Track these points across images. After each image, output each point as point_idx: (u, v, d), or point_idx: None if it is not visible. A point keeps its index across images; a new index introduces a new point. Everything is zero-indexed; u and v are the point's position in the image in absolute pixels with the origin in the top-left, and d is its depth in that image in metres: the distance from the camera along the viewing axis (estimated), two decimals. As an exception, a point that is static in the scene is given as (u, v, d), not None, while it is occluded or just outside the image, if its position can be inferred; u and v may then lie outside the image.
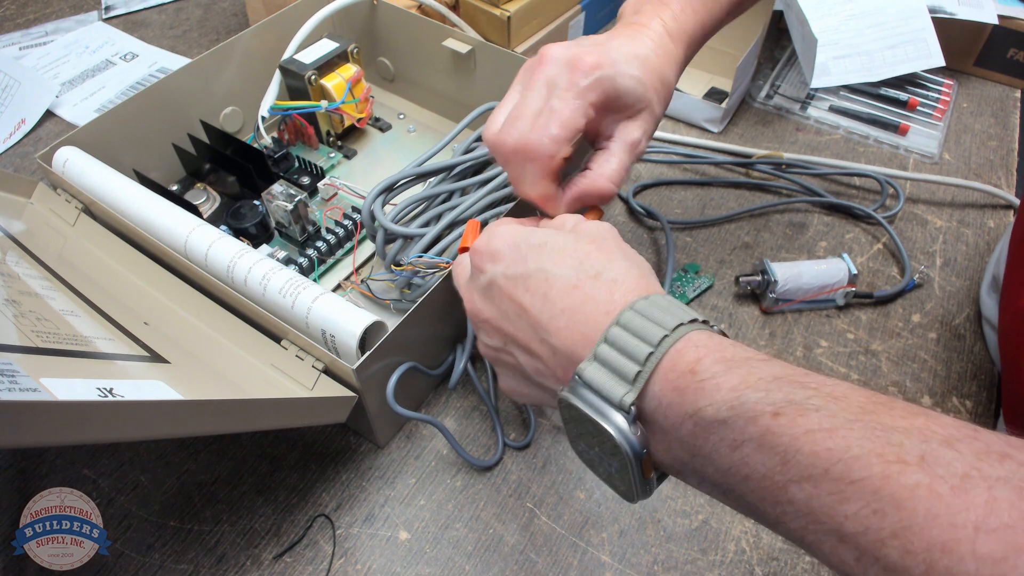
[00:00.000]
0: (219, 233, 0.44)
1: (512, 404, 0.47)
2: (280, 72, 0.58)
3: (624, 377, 0.24)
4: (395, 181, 0.47)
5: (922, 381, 0.48)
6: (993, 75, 0.73)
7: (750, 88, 0.71)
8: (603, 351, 0.24)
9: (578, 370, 0.25)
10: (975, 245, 0.58)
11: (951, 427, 0.19)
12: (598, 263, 0.27)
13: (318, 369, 0.38)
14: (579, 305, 0.26)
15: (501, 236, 0.30)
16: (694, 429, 0.22)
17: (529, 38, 0.67)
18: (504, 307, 0.29)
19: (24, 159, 0.64)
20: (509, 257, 0.29)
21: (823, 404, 0.20)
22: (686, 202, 0.61)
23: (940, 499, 0.17)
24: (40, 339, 0.31)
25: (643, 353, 0.23)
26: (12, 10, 0.83)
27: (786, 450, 0.20)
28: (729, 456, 0.21)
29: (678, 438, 0.23)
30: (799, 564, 0.40)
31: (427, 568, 0.40)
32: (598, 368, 0.24)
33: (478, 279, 0.31)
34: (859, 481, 0.18)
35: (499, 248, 0.30)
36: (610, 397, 0.24)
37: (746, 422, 0.21)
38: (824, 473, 0.19)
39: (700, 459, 0.23)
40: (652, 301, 0.25)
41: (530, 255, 0.28)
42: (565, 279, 0.27)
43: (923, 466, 0.18)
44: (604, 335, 0.25)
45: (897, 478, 0.18)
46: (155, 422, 0.28)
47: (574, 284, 0.27)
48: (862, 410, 0.20)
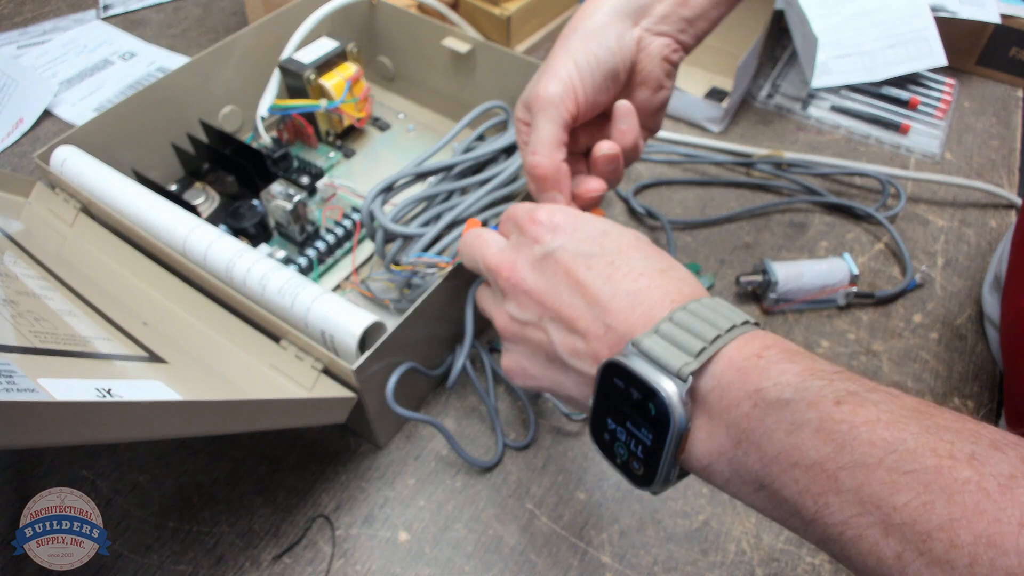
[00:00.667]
0: (218, 233, 0.44)
1: (512, 404, 0.47)
2: (279, 71, 0.58)
3: (687, 350, 0.24)
4: (395, 181, 0.47)
5: (923, 381, 0.48)
6: (995, 74, 0.73)
7: (751, 88, 0.71)
8: (666, 328, 0.25)
9: (635, 339, 0.25)
10: (977, 245, 0.57)
11: (998, 434, 0.19)
12: (664, 261, 0.28)
13: (317, 369, 0.38)
14: (645, 290, 0.27)
15: (564, 211, 0.31)
16: (751, 410, 0.23)
17: (529, 37, 0.67)
18: (558, 280, 0.29)
19: (22, 158, 0.64)
20: (573, 234, 0.29)
21: (881, 399, 0.21)
22: (686, 202, 0.61)
23: (988, 495, 0.18)
24: (38, 339, 0.31)
25: (711, 334, 0.24)
26: (10, 9, 0.83)
27: (844, 437, 0.20)
28: (782, 440, 0.22)
29: (729, 421, 0.23)
30: (799, 565, 0.40)
31: (427, 569, 0.39)
32: (659, 340, 0.25)
33: (531, 248, 0.30)
34: (912, 472, 0.19)
35: (562, 223, 0.30)
36: (668, 365, 0.24)
37: (808, 405, 0.21)
38: (879, 462, 0.19)
39: (746, 445, 0.23)
40: (717, 301, 0.26)
41: (595, 237, 0.29)
42: (632, 267, 0.28)
43: (973, 464, 0.18)
44: (670, 315, 0.25)
45: (949, 472, 0.18)
46: (154, 422, 0.28)
47: (641, 272, 0.27)
48: (916, 410, 0.20)
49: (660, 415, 0.24)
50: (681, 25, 0.36)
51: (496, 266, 0.31)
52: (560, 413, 0.45)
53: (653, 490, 0.26)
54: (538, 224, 0.30)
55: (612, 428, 0.27)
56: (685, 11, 0.36)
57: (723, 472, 0.24)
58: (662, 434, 0.24)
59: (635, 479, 0.27)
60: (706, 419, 0.24)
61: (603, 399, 0.27)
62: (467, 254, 0.34)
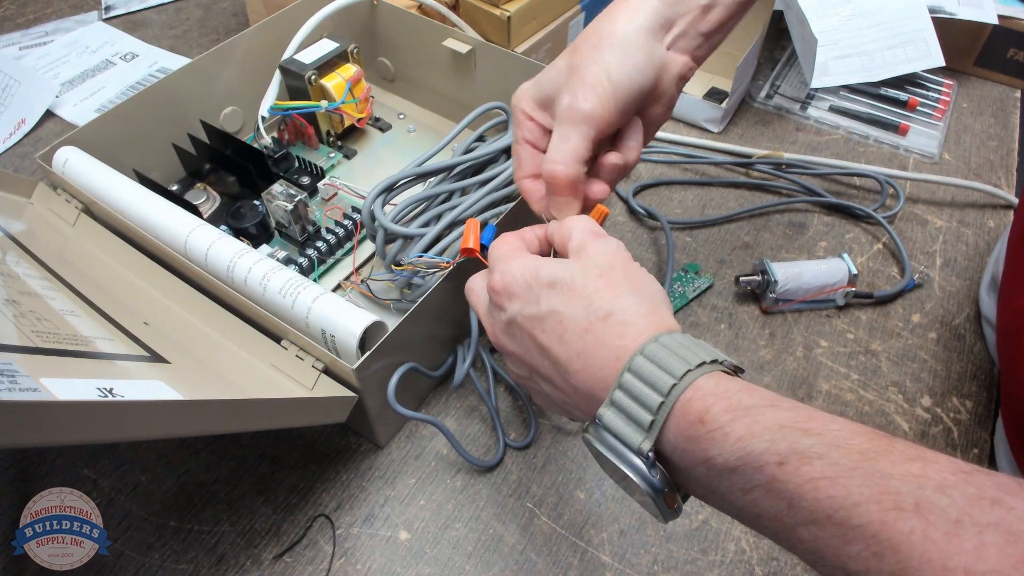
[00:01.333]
0: (219, 233, 0.44)
1: (513, 404, 0.47)
2: (280, 72, 0.58)
3: (640, 424, 0.25)
4: (395, 181, 0.47)
5: (922, 381, 0.48)
6: (993, 75, 0.73)
7: (750, 88, 0.71)
8: (618, 397, 0.26)
9: (598, 415, 0.26)
10: (975, 245, 0.58)
11: (946, 471, 0.20)
12: (606, 303, 0.28)
13: (318, 369, 0.38)
14: (592, 349, 0.27)
15: (513, 274, 0.30)
16: (707, 473, 0.24)
17: (529, 38, 0.67)
18: (526, 344, 0.30)
19: (24, 159, 0.64)
20: (524, 296, 0.30)
21: (825, 452, 0.21)
22: (686, 202, 0.61)
23: (934, 544, 0.18)
24: (40, 339, 0.31)
25: (655, 402, 0.25)
26: (12, 10, 0.83)
27: (792, 496, 0.21)
28: (741, 498, 0.23)
29: (694, 478, 0.25)
30: (799, 564, 0.40)
31: (427, 568, 0.40)
32: (616, 414, 0.26)
33: (499, 315, 0.31)
34: (859, 527, 0.20)
35: (512, 287, 0.30)
36: (629, 443, 0.25)
37: (754, 471, 0.22)
38: (827, 518, 0.20)
39: (716, 497, 0.24)
40: (661, 343, 0.26)
41: (542, 295, 0.29)
42: (576, 322, 0.28)
43: (918, 512, 0.19)
44: (618, 381, 0.26)
45: (894, 524, 0.19)
46: (155, 422, 0.28)
47: (585, 328, 0.27)
48: (862, 456, 0.21)
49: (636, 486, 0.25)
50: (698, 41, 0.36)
51: (485, 327, 0.33)
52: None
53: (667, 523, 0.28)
54: (496, 292, 0.31)
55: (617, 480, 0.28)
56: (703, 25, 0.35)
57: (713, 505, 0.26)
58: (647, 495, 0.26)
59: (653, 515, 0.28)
60: (679, 473, 0.25)
61: (599, 462, 0.28)
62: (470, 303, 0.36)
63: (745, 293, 0.53)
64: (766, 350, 0.50)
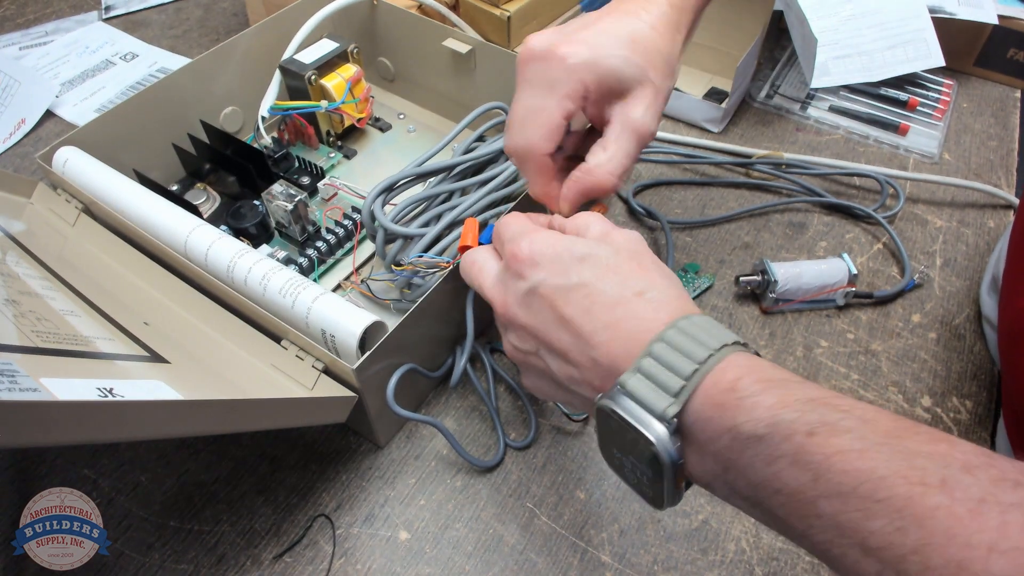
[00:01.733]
0: (219, 233, 0.44)
1: (513, 404, 0.47)
2: (280, 72, 0.58)
3: (667, 390, 0.25)
4: (395, 181, 0.47)
5: (922, 381, 0.48)
6: (993, 75, 0.73)
7: (750, 88, 0.71)
8: (646, 364, 0.26)
9: (620, 380, 0.26)
10: (975, 245, 0.58)
11: (970, 454, 0.20)
12: (641, 281, 0.28)
13: (318, 369, 0.38)
14: (622, 320, 0.27)
15: (542, 243, 0.30)
16: (731, 443, 0.23)
17: (529, 38, 0.67)
18: (544, 316, 0.29)
19: (24, 159, 0.64)
20: (550, 267, 0.29)
21: (854, 426, 0.21)
22: (686, 202, 0.61)
23: (958, 520, 0.18)
24: (40, 339, 0.31)
25: (688, 369, 0.25)
26: (12, 10, 0.83)
27: (818, 467, 0.21)
28: (763, 470, 0.22)
29: (713, 451, 0.24)
30: (799, 564, 0.40)
31: (427, 568, 0.40)
32: (641, 379, 0.25)
33: (516, 284, 0.30)
34: (884, 500, 0.19)
35: (539, 257, 0.30)
36: (652, 408, 0.25)
37: (781, 439, 0.22)
38: (852, 491, 0.20)
39: (733, 472, 0.24)
40: (693, 321, 0.26)
41: (572, 267, 0.29)
42: (609, 295, 0.28)
43: (944, 489, 0.19)
44: (648, 349, 0.26)
45: (920, 499, 0.19)
46: (155, 422, 0.28)
47: (617, 301, 0.28)
48: (889, 434, 0.21)
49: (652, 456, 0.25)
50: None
51: (492, 300, 0.32)
52: (561, 413, 0.46)
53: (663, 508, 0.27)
54: (519, 260, 0.30)
55: (618, 456, 0.28)
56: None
57: (719, 491, 0.25)
58: (657, 469, 0.25)
59: (646, 499, 0.28)
60: (695, 448, 0.25)
61: (606, 434, 0.28)
62: (466, 279, 0.35)
63: (745, 293, 0.53)
64: (766, 350, 0.50)
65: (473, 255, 0.35)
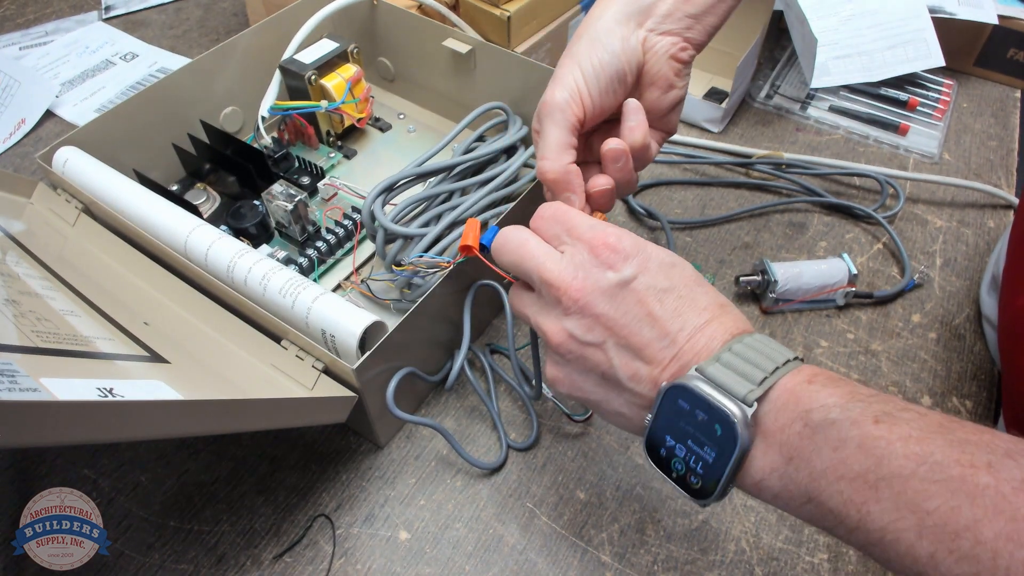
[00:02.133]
0: (219, 233, 0.44)
1: (513, 404, 0.47)
2: (280, 72, 0.58)
3: (750, 379, 0.27)
4: (395, 181, 0.47)
5: (922, 381, 0.48)
6: (993, 75, 0.73)
7: (750, 88, 0.71)
8: (727, 358, 0.28)
9: (700, 367, 0.28)
10: (975, 245, 0.58)
11: (1010, 442, 0.22)
12: (721, 297, 0.31)
13: (318, 369, 0.38)
14: (708, 325, 0.29)
15: (632, 240, 0.31)
16: (802, 429, 0.25)
17: (529, 38, 0.67)
18: (630, 310, 0.30)
19: (24, 159, 0.64)
20: (646, 265, 0.30)
21: (912, 418, 0.24)
22: (686, 202, 0.61)
23: (1004, 498, 0.21)
24: (40, 339, 0.31)
25: (770, 365, 0.27)
26: (12, 10, 0.83)
27: (882, 451, 0.23)
28: (830, 456, 0.24)
29: (782, 440, 0.26)
30: (799, 564, 0.40)
31: (427, 568, 0.40)
32: (722, 368, 0.27)
33: (603, 274, 0.30)
34: (941, 481, 0.22)
35: (632, 250, 0.30)
36: (734, 391, 0.26)
37: (851, 425, 0.24)
38: (912, 473, 0.22)
39: (797, 461, 0.25)
40: (767, 337, 0.29)
41: (665, 270, 0.30)
42: (697, 302, 0.30)
43: (990, 471, 0.21)
44: (729, 346, 0.28)
45: (971, 479, 0.21)
46: (155, 422, 0.28)
47: (705, 307, 0.30)
48: (941, 426, 0.23)
49: (726, 435, 0.26)
50: (687, 22, 0.36)
51: (558, 282, 0.31)
52: (562, 413, 0.46)
53: (707, 503, 0.28)
54: (611, 249, 0.30)
55: (671, 445, 0.29)
56: (689, 7, 0.36)
57: (773, 487, 0.26)
58: (725, 452, 0.27)
59: (691, 492, 0.29)
60: (761, 439, 0.27)
61: (664, 418, 0.29)
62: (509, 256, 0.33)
63: (745, 293, 0.53)
64: (766, 350, 0.50)
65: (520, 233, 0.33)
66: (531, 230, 0.33)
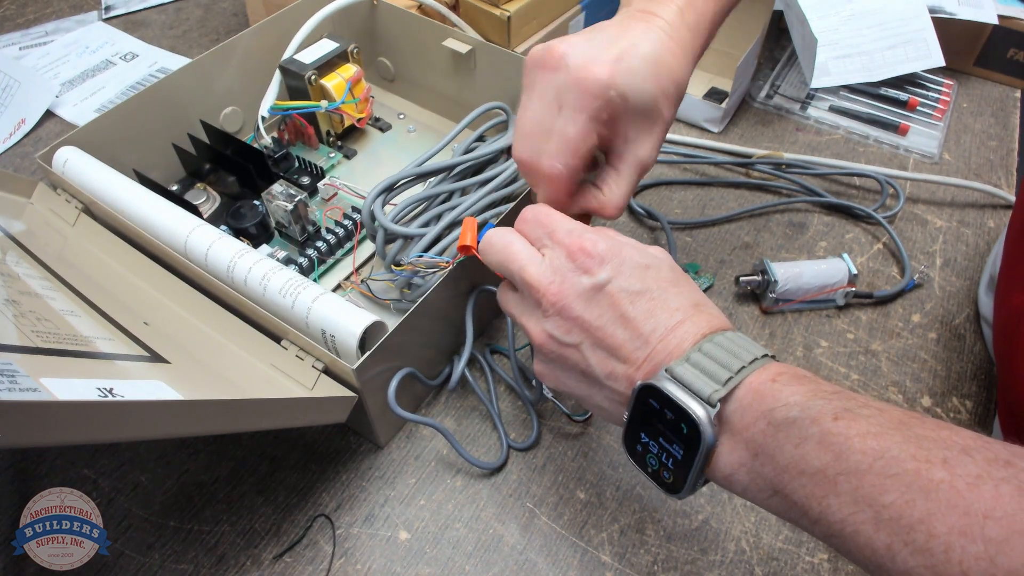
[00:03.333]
0: (219, 233, 0.44)
1: (513, 404, 0.47)
2: (280, 72, 0.58)
3: (715, 379, 0.27)
4: (395, 181, 0.47)
5: (922, 381, 0.48)
6: (993, 75, 0.73)
7: (750, 88, 0.71)
8: (696, 358, 0.28)
9: (669, 367, 0.28)
10: (975, 245, 0.58)
11: (968, 439, 0.23)
12: (696, 295, 0.31)
13: (318, 369, 0.38)
14: (680, 324, 0.30)
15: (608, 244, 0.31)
16: (765, 427, 0.26)
17: (529, 38, 0.67)
18: (604, 312, 0.30)
19: (24, 159, 0.64)
20: (621, 269, 0.31)
21: (871, 414, 0.24)
22: (686, 202, 0.61)
23: (958, 493, 0.21)
24: (40, 339, 0.31)
25: (736, 365, 0.28)
26: (12, 10, 0.83)
27: (840, 447, 0.24)
28: (791, 452, 0.25)
29: (747, 438, 0.27)
30: (799, 564, 0.40)
31: (427, 568, 0.40)
32: (690, 368, 0.28)
33: (578, 278, 0.31)
34: (896, 475, 0.22)
35: (609, 255, 0.31)
36: (699, 391, 0.27)
37: (811, 422, 0.25)
38: (869, 468, 0.23)
39: (762, 458, 0.26)
40: (737, 334, 0.30)
41: (639, 273, 0.31)
42: (669, 303, 0.30)
43: (946, 466, 0.22)
44: (699, 346, 0.29)
45: (926, 474, 0.22)
46: (155, 422, 0.28)
47: (678, 307, 0.30)
48: (900, 421, 0.24)
49: (691, 434, 0.27)
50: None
51: (538, 286, 0.32)
52: (561, 413, 0.46)
53: (680, 496, 0.29)
54: (588, 255, 0.31)
55: (645, 441, 0.30)
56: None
57: (742, 481, 0.27)
58: (692, 450, 0.27)
59: (665, 487, 0.30)
60: (728, 436, 0.27)
61: (638, 416, 0.30)
62: (494, 257, 0.34)
63: (745, 293, 0.53)
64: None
65: (505, 235, 0.34)
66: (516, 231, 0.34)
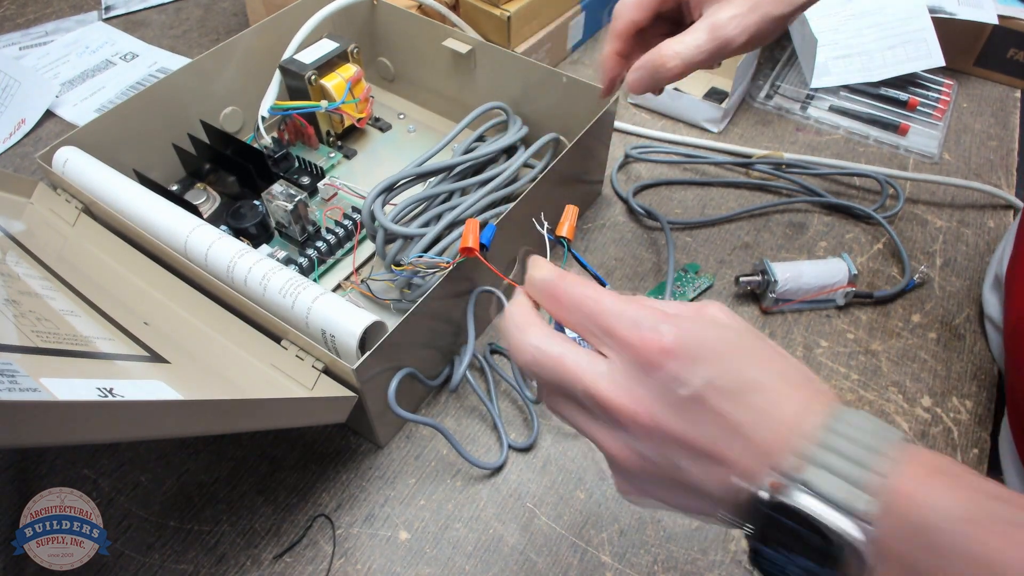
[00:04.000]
0: (219, 233, 0.44)
1: (512, 404, 0.47)
2: (280, 72, 0.58)
3: (859, 485, 0.22)
4: (395, 181, 0.47)
5: (922, 381, 0.48)
6: (993, 75, 0.73)
7: (750, 88, 0.71)
8: (824, 457, 0.23)
9: (800, 476, 0.23)
10: (975, 245, 0.58)
11: None
12: (798, 371, 0.26)
13: (318, 369, 0.38)
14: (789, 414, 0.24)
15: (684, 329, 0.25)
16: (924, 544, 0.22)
17: (529, 38, 0.67)
18: (706, 420, 0.25)
19: (24, 159, 0.64)
20: (717, 366, 0.25)
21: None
22: (686, 202, 0.61)
23: None
24: (40, 339, 0.31)
25: (881, 464, 0.22)
26: (12, 10, 0.83)
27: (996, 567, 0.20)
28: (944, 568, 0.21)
29: (898, 554, 0.22)
30: (799, 564, 0.40)
31: (427, 568, 0.40)
32: (825, 475, 0.23)
33: (670, 390, 0.25)
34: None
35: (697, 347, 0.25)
36: (848, 506, 0.22)
37: (979, 544, 0.21)
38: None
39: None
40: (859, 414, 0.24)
41: (736, 366, 0.25)
42: (773, 390, 0.25)
43: None
44: (821, 440, 0.23)
45: None
46: (155, 422, 0.28)
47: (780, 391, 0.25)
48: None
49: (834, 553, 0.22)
50: None
51: (619, 408, 0.26)
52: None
53: None
54: (669, 355, 0.25)
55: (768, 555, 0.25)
56: None
57: None
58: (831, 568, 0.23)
59: None
60: (872, 547, 0.22)
61: (761, 533, 0.24)
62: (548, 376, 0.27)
63: (745, 293, 0.53)
64: (766, 350, 0.50)
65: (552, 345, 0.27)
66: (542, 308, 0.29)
